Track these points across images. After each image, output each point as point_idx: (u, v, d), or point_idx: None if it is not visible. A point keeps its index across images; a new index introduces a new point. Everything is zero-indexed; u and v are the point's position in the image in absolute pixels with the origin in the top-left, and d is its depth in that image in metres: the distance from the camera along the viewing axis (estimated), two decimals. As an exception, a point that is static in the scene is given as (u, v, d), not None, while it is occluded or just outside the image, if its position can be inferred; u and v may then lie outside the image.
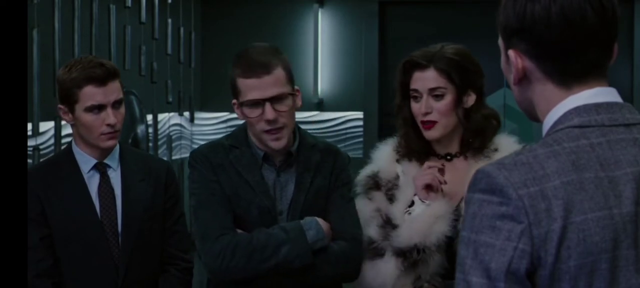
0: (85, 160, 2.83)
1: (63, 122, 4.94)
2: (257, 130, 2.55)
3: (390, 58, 7.52)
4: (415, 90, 2.57)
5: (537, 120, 1.52)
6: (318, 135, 7.59)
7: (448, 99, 2.54)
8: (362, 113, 7.59)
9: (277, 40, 7.48)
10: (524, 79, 1.49)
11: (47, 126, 4.83)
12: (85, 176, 2.82)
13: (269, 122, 2.51)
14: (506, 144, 2.59)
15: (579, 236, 1.35)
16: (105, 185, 2.83)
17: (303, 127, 2.84)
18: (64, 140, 4.94)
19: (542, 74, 1.47)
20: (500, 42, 1.54)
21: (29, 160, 4.38)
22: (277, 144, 2.54)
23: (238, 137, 2.65)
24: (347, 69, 7.66)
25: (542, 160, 1.39)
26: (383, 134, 8.53)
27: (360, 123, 7.63)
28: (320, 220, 2.53)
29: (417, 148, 2.60)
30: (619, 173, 1.39)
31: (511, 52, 1.49)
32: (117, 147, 2.87)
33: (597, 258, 1.35)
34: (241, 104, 2.55)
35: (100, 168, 2.83)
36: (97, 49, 5.09)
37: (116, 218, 2.81)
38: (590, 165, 1.39)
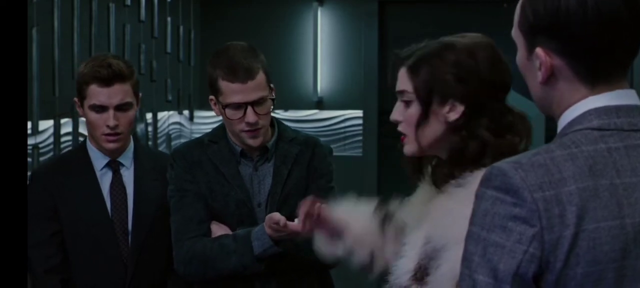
0: (99, 158, 2.83)
1: (62, 121, 4.93)
2: (236, 130, 2.62)
3: (390, 57, 7.52)
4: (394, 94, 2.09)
5: (552, 116, 1.50)
6: (317, 133, 7.60)
7: (414, 108, 2.00)
8: (361, 112, 7.59)
9: (276, 38, 7.47)
10: (551, 77, 1.46)
11: (46, 125, 4.82)
12: (98, 173, 2.83)
13: (249, 124, 2.57)
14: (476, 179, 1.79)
15: (589, 244, 1.34)
16: (117, 183, 2.83)
17: (302, 125, 2.88)
18: (63, 139, 4.93)
19: (570, 71, 1.44)
20: (517, 36, 1.50)
21: (29, 159, 4.38)
22: (255, 142, 2.63)
23: (217, 133, 2.73)
24: (346, 68, 7.65)
25: (560, 162, 1.37)
26: (383, 133, 8.49)
27: (360, 122, 7.62)
28: (271, 227, 2.51)
29: (411, 166, 2.13)
30: (634, 180, 1.38)
31: (539, 50, 1.45)
32: (131, 145, 2.87)
33: (605, 267, 1.34)
34: (224, 106, 2.61)
35: (113, 166, 2.84)
36: (96, 47, 5.09)
37: (127, 217, 2.82)
38: (606, 171, 1.37)
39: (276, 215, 2.47)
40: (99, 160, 2.82)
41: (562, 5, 1.41)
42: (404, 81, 2.02)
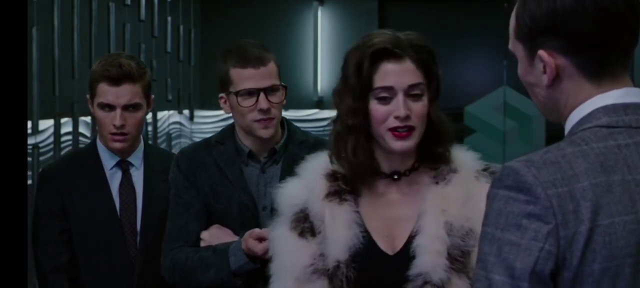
0: (108, 157, 2.83)
1: (62, 121, 4.93)
2: (248, 120, 2.59)
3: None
4: (388, 88, 1.97)
5: (559, 121, 1.50)
6: (317, 133, 7.60)
7: (425, 100, 1.98)
8: (361, 111, 7.59)
9: (277, 38, 7.48)
10: (556, 78, 1.46)
11: (46, 124, 4.82)
12: (108, 173, 2.82)
13: (262, 111, 2.55)
14: (465, 162, 2.02)
15: (605, 239, 1.33)
16: (126, 183, 2.83)
17: (302, 125, 2.85)
18: (63, 139, 4.94)
19: (575, 69, 1.43)
20: (516, 47, 1.49)
21: (29, 159, 4.38)
22: (266, 132, 2.58)
23: (225, 134, 2.70)
24: (346, 67, 7.66)
25: (571, 159, 1.36)
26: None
27: (360, 121, 7.62)
28: (248, 242, 2.49)
29: (364, 168, 2.01)
30: None
31: (542, 52, 1.44)
32: (141, 145, 2.87)
33: (621, 262, 1.33)
34: (235, 94, 2.58)
35: (123, 166, 2.83)
36: (96, 47, 5.09)
37: (135, 217, 2.81)
38: (618, 167, 1.37)
39: (257, 232, 2.45)
40: (108, 160, 2.82)
41: (559, 4, 1.40)
42: (415, 74, 1.98)
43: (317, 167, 2.08)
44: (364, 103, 1.97)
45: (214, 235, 2.61)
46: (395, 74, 1.96)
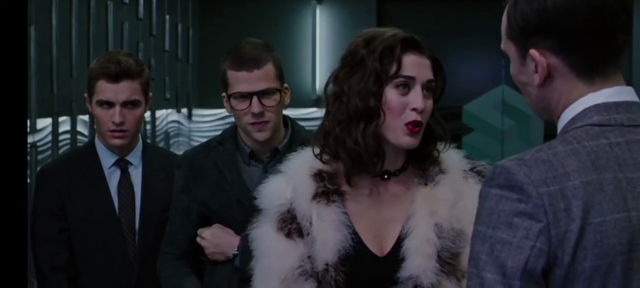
0: (107, 156, 2.83)
1: (60, 119, 4.93)
2: (244, 122, 2.59)
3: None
4: (410, 78, 1.92)
5: (552, 119, 1.50)
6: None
7: (432, 100, 1.96)
8: (360, 110, 7.60)
9: (275, 37, 7.48)
10: (547, 77, 1.46)
11: (44, 123, 4.82)
12: (106, 172, 2.82)
13: (254, 115, 2.54)
14: (453, 162, 1.99)
15: (596, 237, 1.34)
16: (125, 182, 2.83)
17: (300, 123, 2.83)
18: (61, 138, 4.93)
19: (567, 68, 1.44)
20: (508, 47, 1.50)
21: (27, 158, 4.38)
22: (261, 135, 2.58)
23: (226, 134, 2.70)
24: (345, 66, 7.67)
25: (562, 158, 1.37)
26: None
27: (358, 120, 7.63)
28: None
29: (371, 154, 1.93)
30: (637, 175, 1.38)
31: (533, 52, 1.45)
32: (140, 144, 2.87)
33: (612, 260, 1.34)
34: (230, 96, 2.58)
35: (122, 165, 2.83)
36: (95, 46, 5.09)
37: (134, 216, 2.81)
38: (609, 166, 1.37)
39: None
40: (107, 159, 2.82)
41: (549, 3, 1.41)
42: (431, 71, 1.95)
43: (302, 165, 2.03)
44: (380, 91, 1.92)
45: (215, 235, 2.62)
46: (418, 65, 1.93)
